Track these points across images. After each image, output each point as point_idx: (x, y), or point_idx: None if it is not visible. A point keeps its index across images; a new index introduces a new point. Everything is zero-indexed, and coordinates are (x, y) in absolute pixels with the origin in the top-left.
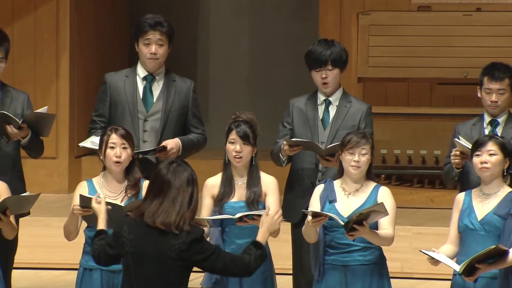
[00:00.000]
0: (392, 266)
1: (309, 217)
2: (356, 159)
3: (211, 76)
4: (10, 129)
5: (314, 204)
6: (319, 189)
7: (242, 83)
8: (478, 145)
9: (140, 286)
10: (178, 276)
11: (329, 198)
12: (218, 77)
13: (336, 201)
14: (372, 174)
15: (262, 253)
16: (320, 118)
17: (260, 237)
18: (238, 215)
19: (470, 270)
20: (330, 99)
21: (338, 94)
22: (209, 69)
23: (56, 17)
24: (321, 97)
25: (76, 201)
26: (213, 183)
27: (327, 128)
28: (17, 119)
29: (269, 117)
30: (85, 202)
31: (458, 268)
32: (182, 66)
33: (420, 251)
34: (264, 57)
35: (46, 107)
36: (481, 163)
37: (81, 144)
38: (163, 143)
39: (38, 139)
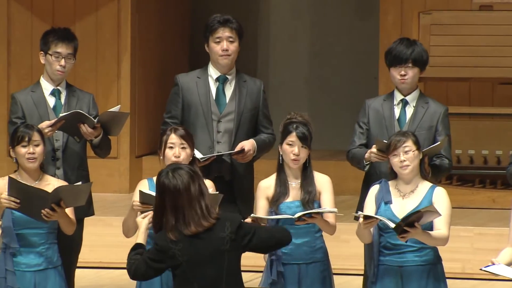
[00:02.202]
0: (454, 266)
1: (361, 219)
2: (401, 159)
3: (271, 76)
4: (85, 128)
5: (369, 205)
6: (374, 189)
7: (301, 82)
8: None
9: None
10: (235, 267)
11: (384, 200)
12: (278, 77)
13: (391, 203)
14: (426, 171)
15: None
16: (397, 117)
17: None
18: (297, 215)
19: None
20: (407, 99)
21: (415, 94)
22: (269, 69)
23: (118, 17)
24: (398, 97)
25: (136, 198)
26: (267, 185)
27: (404, 128)
28: (92, 119)
29: (328, 116)
30: (145, 198)
31: None
32: (242, 66)
33: (480, 269)
34: (324, 57)
35: (119, 105)
36: None
37: None
38: (240, 145)
39: (107, 138)
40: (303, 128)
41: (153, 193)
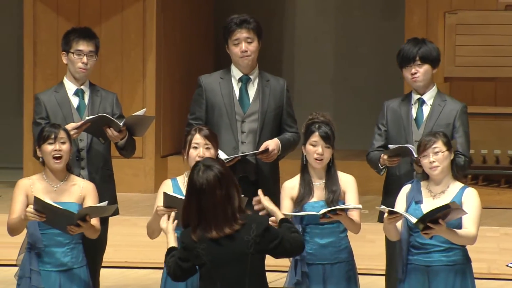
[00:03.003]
0: (480, 267)
1: (386, 214)
2: (431, 160)
3: (296, 76)
4: (111, 131)
5: (400, 203)
6: (406, 189)
7: (327, 83)
8: None
9: None
10: (259, 268)
11: (415, 199)
12: (303, 77)
13: (422, 202)
14: (458, 171)
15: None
16: (414, 117)
17: (280, 215)
18: (322, 211)
19: None
20: (424, 98)
21: (432, 92)
22: (294, 69)
23: (143, 17)
24: (414, 97)
25: (160, 200)
26: (291, 185)
27: (421, 127)
28: (118, 122)
29: (353, 117)
30: (169, 201)
31: None
32: (268, 67)
33: (507, 265)
34: (349, 57)
35: (144, 109)
36: None
37: None
38: (264, 145)
39: (132, 139)
40: (326, 127)
41: (178, 195)
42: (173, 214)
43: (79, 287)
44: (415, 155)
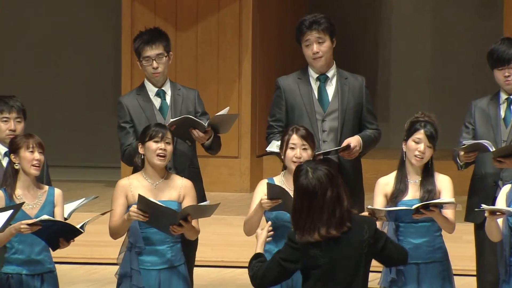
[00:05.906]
0: None
1: (487, 213)
2: None
3: (392, 75)
4: (197, 133)
5: (500, 204)
6: (506, 189)
7: (423, 82)
8: None
9: None
10: (367, 271)
11: None
12: (399, 76)
13: None
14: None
15: None
16: (502, 116)
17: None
18: (415, 206)
19: None
20: None
21: None
22: (391, 68)
23: (239, 18)
24: (503, 96)
25: (257, 199)
26: (385, 182)
27: (509, 126)
28: (203, 123)
29: (450, 117)
30: (273, 192)
31: None
32: (363, 65)
33: None
34: (446, 56)
35: (227, 107)
36: None
37: (268, 149)
38: (346, 142)
39: (217, 137)
40: (431, 127)
41: (282, 186)
42: (268, 228)
43: (179, 284)
44: (491, 150)
